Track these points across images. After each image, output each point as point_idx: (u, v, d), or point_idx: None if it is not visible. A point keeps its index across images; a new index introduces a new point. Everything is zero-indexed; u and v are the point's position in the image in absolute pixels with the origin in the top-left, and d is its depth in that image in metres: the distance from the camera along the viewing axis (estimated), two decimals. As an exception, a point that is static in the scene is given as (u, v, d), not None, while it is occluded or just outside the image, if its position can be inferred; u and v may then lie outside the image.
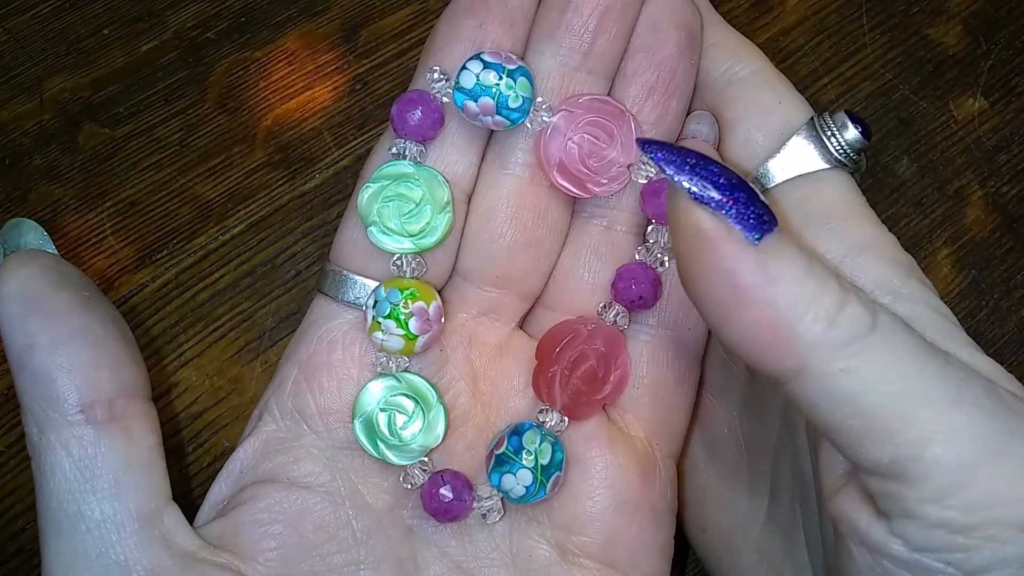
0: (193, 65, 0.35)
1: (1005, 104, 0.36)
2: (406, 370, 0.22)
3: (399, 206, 0.22)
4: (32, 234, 0.20)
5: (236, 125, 0.34)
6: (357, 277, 0.22)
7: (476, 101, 0.21)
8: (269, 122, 0.34)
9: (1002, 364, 0.32)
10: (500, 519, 0.21)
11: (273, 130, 0.34)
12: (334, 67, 0.35)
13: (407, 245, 0.22)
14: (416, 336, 0.21)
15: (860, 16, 0.37)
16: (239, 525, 0.19)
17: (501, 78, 0.21)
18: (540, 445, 0.21)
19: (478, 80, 0.21)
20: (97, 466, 0.18)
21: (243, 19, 0.35)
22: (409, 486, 0.21)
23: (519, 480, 0.21)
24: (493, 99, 0.21)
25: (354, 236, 0.22)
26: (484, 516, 0.21)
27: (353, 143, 0.34)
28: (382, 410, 0.21)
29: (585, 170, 0.22)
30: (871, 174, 0.34)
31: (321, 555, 0.19)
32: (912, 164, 0.34)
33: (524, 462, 0.21)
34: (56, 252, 0.20)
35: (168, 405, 0.30)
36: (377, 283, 0.22)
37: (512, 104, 0.21)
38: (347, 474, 0.21)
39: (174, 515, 0.19)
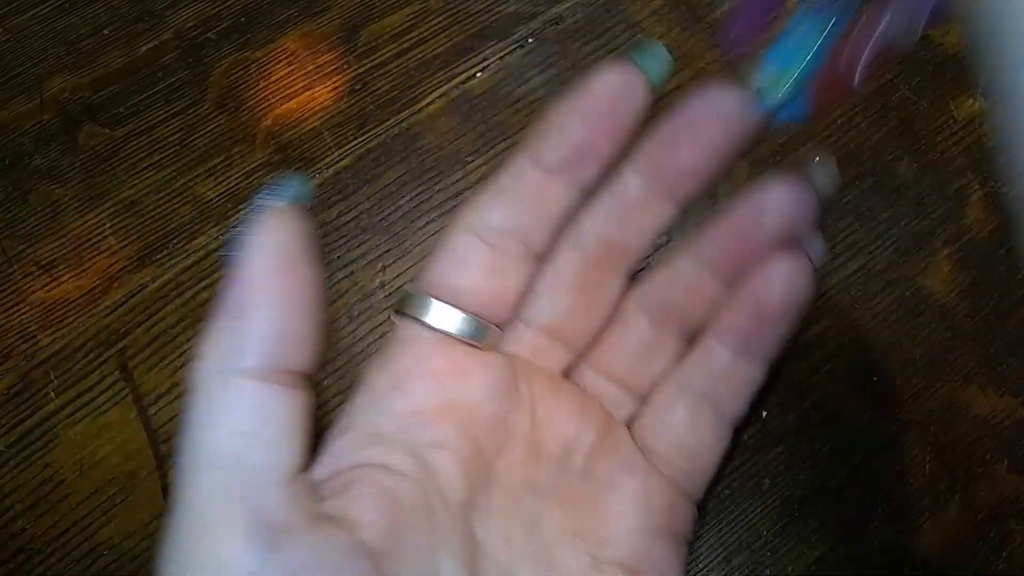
0: (193, 65, 0.35)
1: (1005, 104, 0.35)
2: None
3: None
4: (298, 183, 0.20)
5: (236, 125, 0.34)
6: (442, 304, 0.23)
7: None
8: (269, 122, 0.34)
9: (1001, 364, 0.32)
10: None
11: (273, 130, 0.34)
12: (334, 67, 0.35)
13: None
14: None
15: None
16: (346, 500, 0.20)
17: None
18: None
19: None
20: (269, 421, 0.19)
21: (243, 19, 0.35)
22: None
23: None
24: None
25: (448, 270, 0.23)
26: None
27: (353, 143, 0.34)
28: None
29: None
30: (871, 174, 0.34)
31: (414, 535, 0.20)
32: (912, 164, 0.34)
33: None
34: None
35: (168, 405, 0.30)
36: (460, 312, 0.23)
37: None
38: (435, 469, 0.22)
39: (308, 480, 0.20)
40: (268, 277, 0.19)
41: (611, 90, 0.21)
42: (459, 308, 0.23)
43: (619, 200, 0.23)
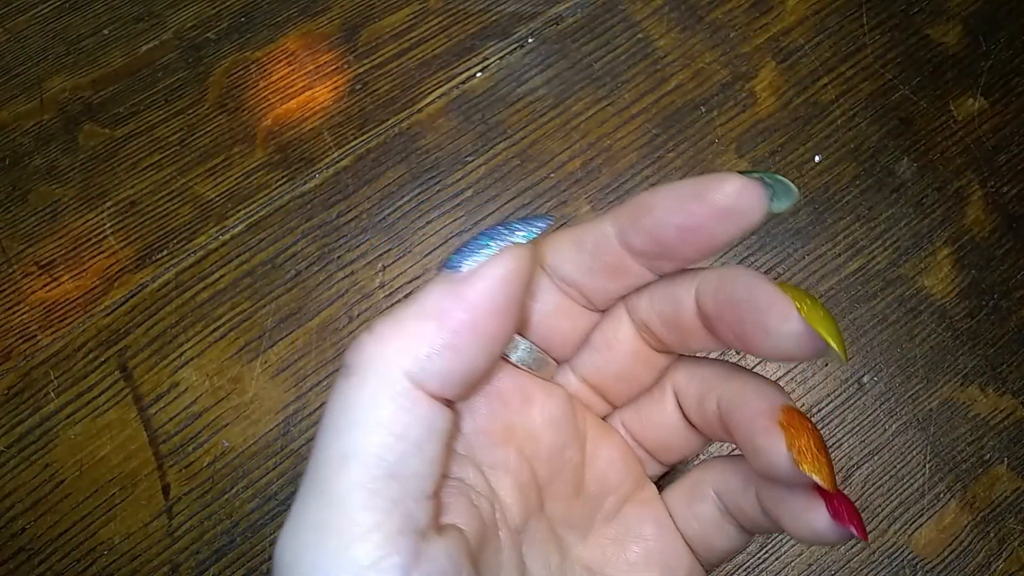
0: (193, 65, 0.35)
1: (1005, 104, 0.36)
2: None
3: None
4: (546, 223, 0.20)
5: (236, 125, 0.34)
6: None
7: None
8: (269, 122, 0.34)
9: (1002, 364, 0.32)
10: None
11: (273, 130, 0.34)
12: (334, 67, 0.35)
13: None
14: None
15: (860, 16, 0.37)
16: (442, 508, 0.20)
17: None
18: None
19: None
20: (432, 435, 0.19)
21: (243, 19, 0.35)
22: None
23: None
24: None
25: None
26: None
27: (353, 143, 0.34)
28: None
29: None
30: (871, 174, 0.34)
31: (489, 549, 0.21)
32: (912, 164, 0.34)
33: None
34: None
35: (168, 405, 0.30)
36: (523, 340, 0.23)
37: None
38: (498, 490, 0.22)
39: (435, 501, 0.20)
40: (486, 310, 0.19)
41: (727, 202, 0.19)
42: (523, 337, 0.23)
43: (675, 314, 0.22)
